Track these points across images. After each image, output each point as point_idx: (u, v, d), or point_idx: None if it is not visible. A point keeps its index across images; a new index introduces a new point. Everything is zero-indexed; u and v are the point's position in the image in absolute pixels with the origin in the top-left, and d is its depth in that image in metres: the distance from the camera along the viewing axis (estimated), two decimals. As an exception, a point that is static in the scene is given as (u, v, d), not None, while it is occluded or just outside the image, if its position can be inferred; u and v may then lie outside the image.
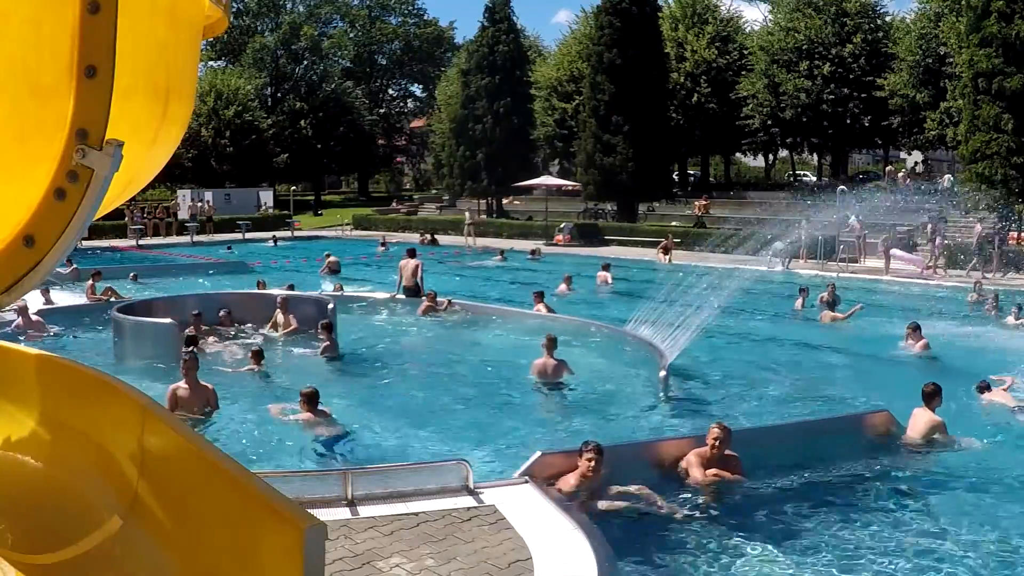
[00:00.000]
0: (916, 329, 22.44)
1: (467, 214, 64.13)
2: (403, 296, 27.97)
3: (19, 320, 23.04)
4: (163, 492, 6.20)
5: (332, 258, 41.54)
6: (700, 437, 12.99)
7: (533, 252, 48.21)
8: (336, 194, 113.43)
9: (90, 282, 27.59)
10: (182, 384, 16.01)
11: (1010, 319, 26.24)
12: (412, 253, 29.16)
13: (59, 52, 3.26)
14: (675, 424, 16.11)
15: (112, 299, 25.71)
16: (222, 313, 24.00)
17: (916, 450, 14.29)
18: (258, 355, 20.03)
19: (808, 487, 12.99)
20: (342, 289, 30.62)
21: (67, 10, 3.23)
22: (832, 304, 28.09)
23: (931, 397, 14.67)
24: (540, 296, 26.90)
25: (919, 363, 20.82)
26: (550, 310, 26.32)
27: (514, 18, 71.68)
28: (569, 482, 11.99)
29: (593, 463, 11.92)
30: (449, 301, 26.53)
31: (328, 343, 21.51)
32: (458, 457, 12.57)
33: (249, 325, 24.41)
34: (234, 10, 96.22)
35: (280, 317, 23.84)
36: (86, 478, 6.82)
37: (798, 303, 28.92)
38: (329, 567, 8.46)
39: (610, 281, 36.88)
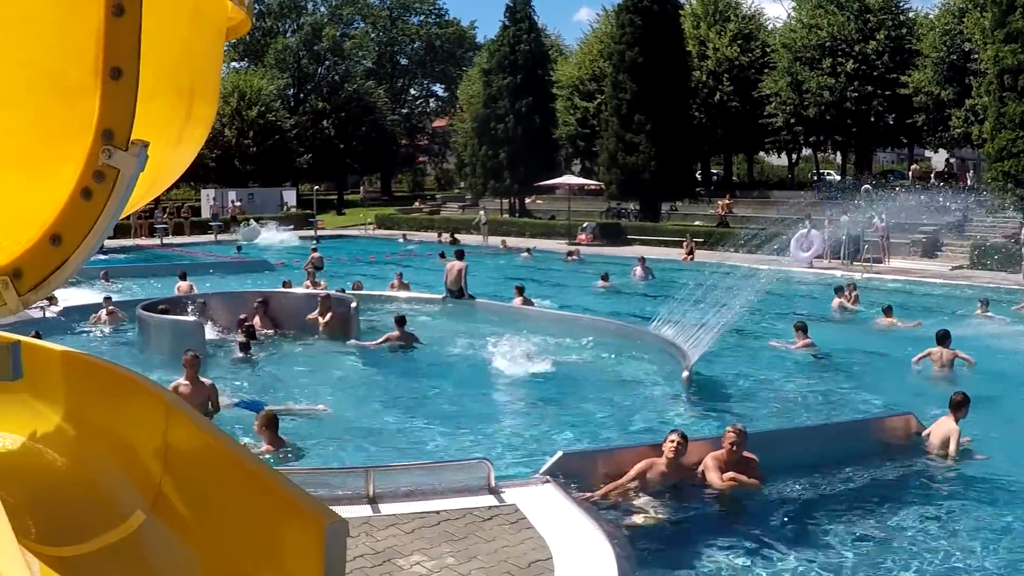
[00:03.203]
0: (801, 329, 22.93)
1: (481, 213, 64.09)
2: (447, 298, 28.01)
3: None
4: (186, 488, 6.25)
5: (316, 254, 41.97)
6: (717, 439, 12.98)
7: (570, 254, 47.95)
8: (358, 193, 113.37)
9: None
10: (183, 380, 16.11)
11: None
12: (459, 255, 29.11)
13: (84, 54, 3.31)
14: (698, 425, 16.07)
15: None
16: (257, 304, 24.31)
17: (937, 457, 14.20)
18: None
19: (828, 491, 12.95)
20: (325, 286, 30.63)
21: (92, 12, 3.28)
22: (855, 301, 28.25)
23: (959, 407, 14.50)
24: (520, 290, 28.11)
25: (950, 367, 20.68)
26: (528, 303, 27.62)
27: (535, 17, 71.70)
28: (648, 464, 12.27)
29: (675, 446, 12.28)
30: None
31: (398, 334, 21.71)
32: (480, 456, 12.61)
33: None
34: (256, 11, 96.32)
35: (320, 313, 24.03)
36: (110, 473, 6.87)
37: (835, 303, 28.79)
38: (350, 564, 8.51)
39: (647, 275, 38.47)
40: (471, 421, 16.56)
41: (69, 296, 27.37)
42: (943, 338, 20.73)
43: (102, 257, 46.32)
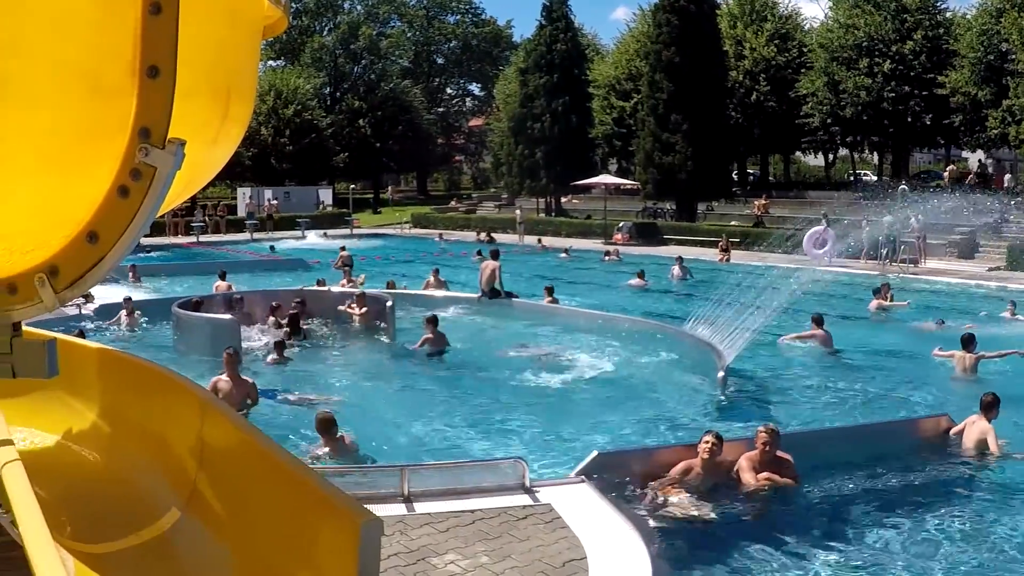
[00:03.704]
0: (816, 321, 23.19)
1: (518, 212, 64.08)
2: (483, 297, 28.04)
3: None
4: (221, 485, 6.26)
5: (345, 252, 42.57)
6: (751, 440, 12.94)
7: (607, 254, 47.84)
8: (395, 192, 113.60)
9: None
10: (223, 377, 16.17)
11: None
12: (494, 255, 29.12)
13: (121, 53, 3.32)
14: (734, 426, 16.01)
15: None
16: (295, 302, 24.47)
17: (970, 458, 14.11)
18: (280, 346, 21.01)
19: (863, 492, 12.86)
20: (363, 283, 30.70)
21: (129, 11, 3.29)
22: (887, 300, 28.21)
23: (990, 408, 14.41)
24: (550, 290, 28.44)
25: (973, 371, 20.54)
26: (555, 303, 27.84)
27: (571, 16, 71.53)
28: (684, 467, 12.28)
29: (710, 447, 12.30)
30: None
31: (431, 336, 21.79)
32: (515, 455, 12.61)
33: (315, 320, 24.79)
34: (293, 10, 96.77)
35: (356, 309, 24.17)
36: (145, 470, 6.90)
37: (873, 305, 28.63)
38: (384, 562, 8.52)
39: (684, 275, 38.57)
40: (506, 420, 16.56)
41: (105, 294, 27.50)
42: (967, 342, 20.62)
43: (141, 255, 46.77)
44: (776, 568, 10.23)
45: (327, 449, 13.28)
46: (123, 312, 24.98)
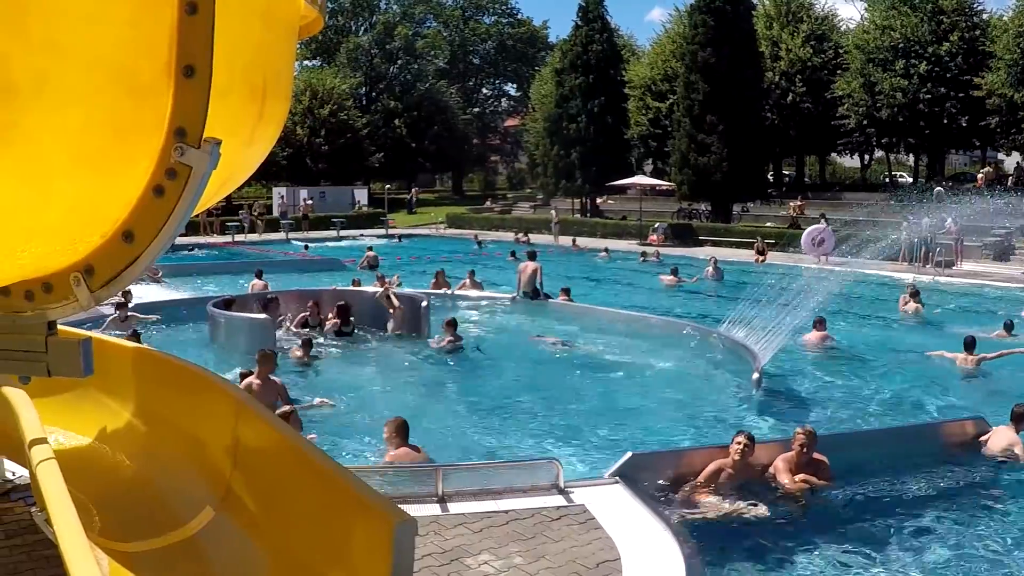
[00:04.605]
0: (819, 322, 23.34)
1: (553, 213, 64.06)
2: (522, 298, 28.00)
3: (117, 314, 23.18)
4: (256, 485, 6.28)
5: (371, 252, 43.06)
6: (787, 441, 12.89)
7: (644, 255, 47.65)
8: (430, 192, 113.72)
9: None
10: (255, 379, 16.18)
11: None
12: (532, 256, 29.09)
13: (157, 53, 3.32)
14: (768, 427, 15.96)
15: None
16: (310, 304, 24.39)
17: (1000, 464, 13.99)
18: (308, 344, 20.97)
19: (899, 494, 12.77)
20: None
21: (165, 11, 3.29)
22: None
23: (1021, 419, 14.34)
24: (567, 292, 28.31)
25: (986, 371, 20.50)
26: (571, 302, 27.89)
27: (607, 17, 71.35)
28: (717, 468, 12.25)
29: (742, 447, 12.27)
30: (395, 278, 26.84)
31: (451, 338, 21.84)
32: (549, 456, 12.59)
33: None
34: (329, 10, 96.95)
35: (395, 301, 24.29)
36: (180, 469, 6.92)
37: (910, 307, 28.45)
38: (418, 562, 8.51)
39: (718, 276, 38.59)
40: (540, 421, 16.55)
41: (141, 293, 27.67)
42: (969, 345, 20.81)
43: (184, 253, 47.15)
44: (810, 569, 10.18)
45: (400, 452, 13.01)
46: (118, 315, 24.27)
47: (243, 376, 16.90)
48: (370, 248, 44.56)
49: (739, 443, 12.31)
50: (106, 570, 4.90)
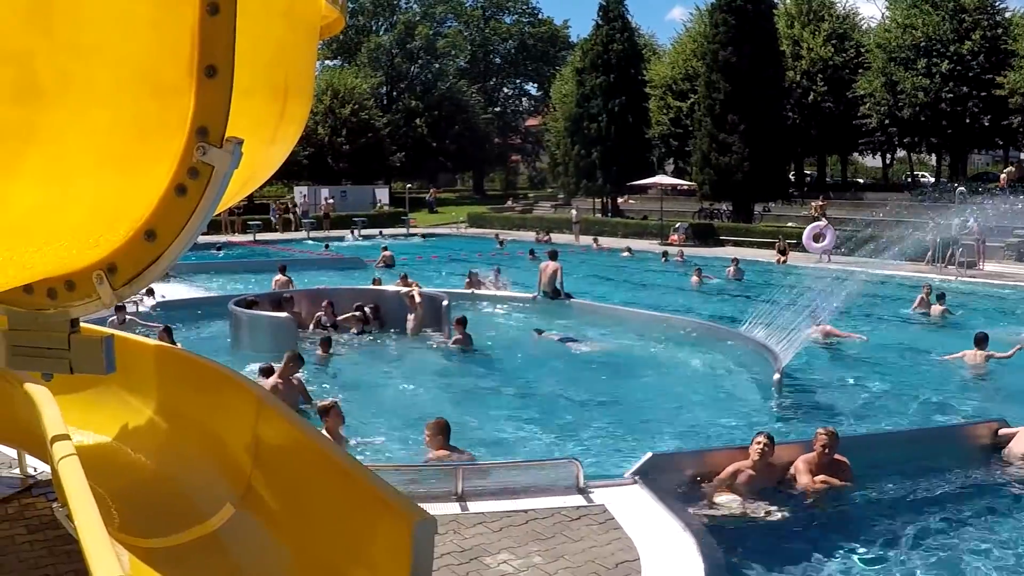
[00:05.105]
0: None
1: (573, 212, 64.04)
2: (543, 298, 27.99)
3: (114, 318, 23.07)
4: (276, 482, 6.31)
5: (387, 252, 43.23)
6: (808, 442, 12.86)
7: (665, 255, 47.52)
8: (451, 192, 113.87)
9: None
10: (278, 379, 16.26)
11: None
12: (553, 256, 29.08)
13: (179, 53, 3.35)
14: (789, 428, 15.92)
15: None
16: (325, 304, 24.48)
17: (1021, 466, 13.94)
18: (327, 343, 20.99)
19: (920, 496, 12.73)
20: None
21: (187, 12, 3.32)
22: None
23: None
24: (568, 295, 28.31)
25: (983, 370, 20.47)
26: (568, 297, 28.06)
27: (628, 16, 71.38)
28: (737, 468, 12.22)
29: (762, 447, 12.22)
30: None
31: (460, 336, 21.93)
32: (569, 456, 12.59)
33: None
34: (349, 10, 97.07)
35: (417, 298, 24.49)
36: (201, 466, 6.96)
37: (935, 310, 28.34)
38: (437, 561, 8.53)
39: (739, 276, 38.68)
40: (560, 421, 16.55)
41: (165, 291, 27.79)
42: (981, 341, 20.89)
43: (212, 252, 47.31)
44: (830, 570, 10.17)
45: (441, 453, 12.95)
46: (115, 318, 24.03)
47: (263, 371, 17.01)
48: (385, 248, 44.67)
49: (759, 443, 12.28)
50: (126, 565, 4.94)
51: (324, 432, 12.79)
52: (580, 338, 23.42)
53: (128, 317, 23.16)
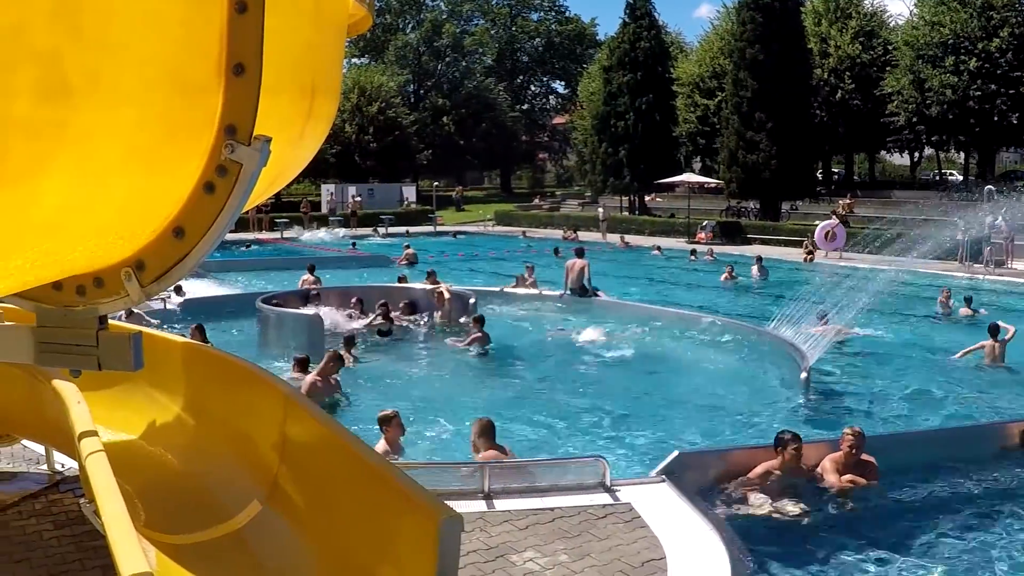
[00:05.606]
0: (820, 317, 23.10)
1: (600, 211, 64.00)
2: (570, 295, 27.98)
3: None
4: (303, 480, 6.32)
5: (410, 250, 43.26)
6: (835, 441, 12.82)
7: (693, 252, 47.39)
8: (479, 189, 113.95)
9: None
10: (317, 376, 16.33)
11: None
12: (580, 253, 29.03)
13: (208, 51, 3.36)
14: (816, 427, 15.87)
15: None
16: (353, 300, 24.61)
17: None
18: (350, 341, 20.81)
19: (948, 496, 12.69)
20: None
21: (215, 10, 3.33)
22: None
23: None
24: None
25: (1001, 359, 20.43)
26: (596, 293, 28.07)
27: (655, 14, 71.10)
28: (766, 469, 12.20)
29: (795, 450, 12.18)
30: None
31: (479, 335, 21.92)
32: (595, 454, 12.58)
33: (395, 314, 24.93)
34: (377, 8, 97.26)
35: (446, 294, 24.81)
36: (227, 463, 6.98)
37: (963, 311, 28.18)
38: (463, 558, 8.54)
39: (763, 275, 38.62)
40: (586, 419, 16.54)
41: (193, 288, 27.87)
42: (995, 331, 21.01)
43: (243, 250, 47.48)
44: (856, 570, 10.13)
45: (489, 454, 12.72)
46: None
47: (298, 362, 17.11)
48: (407, 245, 44.72)
49: (794, 449, 12.23)
50: (153, 561, 4.95)
51: (383, 441, 12.88)
52: (606, 335, 23.37)
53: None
